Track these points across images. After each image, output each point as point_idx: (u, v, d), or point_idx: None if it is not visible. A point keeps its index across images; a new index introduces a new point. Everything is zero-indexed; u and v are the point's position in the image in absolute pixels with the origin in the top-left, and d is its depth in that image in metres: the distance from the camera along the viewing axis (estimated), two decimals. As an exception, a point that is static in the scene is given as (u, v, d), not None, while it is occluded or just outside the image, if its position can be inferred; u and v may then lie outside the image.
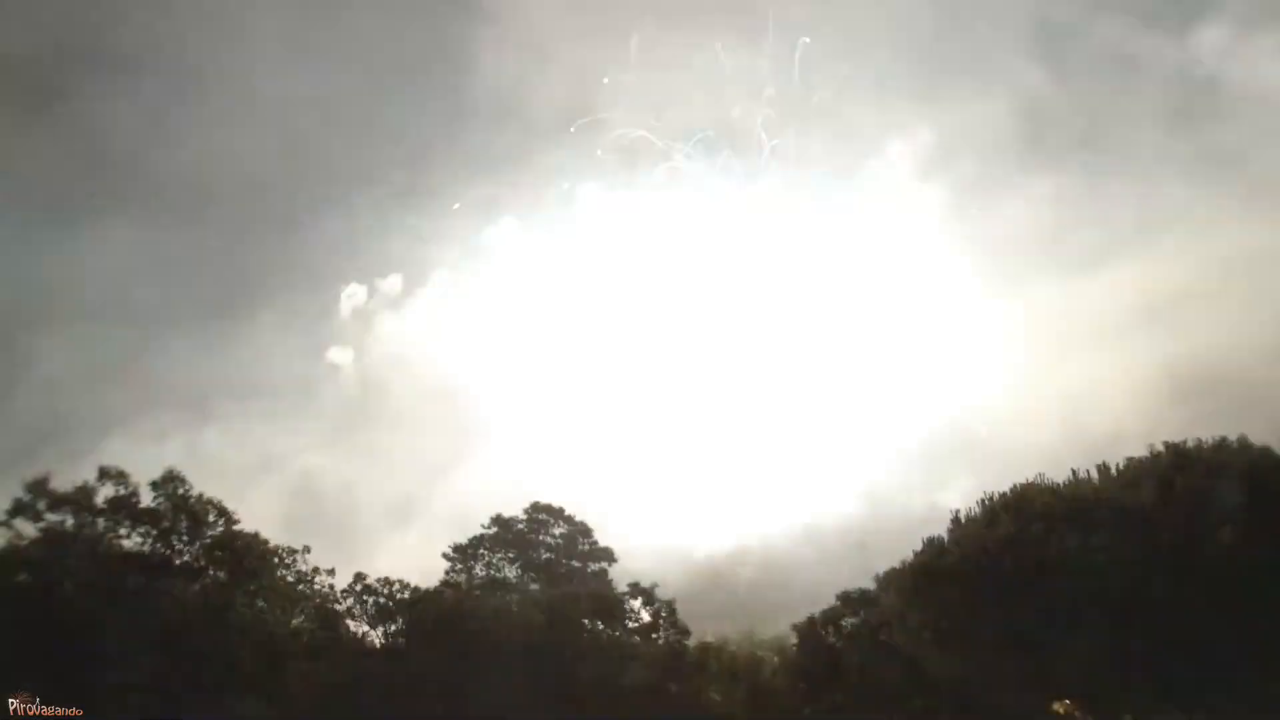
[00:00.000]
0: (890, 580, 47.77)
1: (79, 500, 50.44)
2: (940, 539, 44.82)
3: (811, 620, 54.74)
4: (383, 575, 57.13)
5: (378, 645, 56.12)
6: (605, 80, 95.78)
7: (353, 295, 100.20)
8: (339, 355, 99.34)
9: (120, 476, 51.39)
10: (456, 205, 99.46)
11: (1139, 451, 39.73)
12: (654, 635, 56.82)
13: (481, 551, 57.11)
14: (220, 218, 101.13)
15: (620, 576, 59.15)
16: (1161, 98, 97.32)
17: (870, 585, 52.32)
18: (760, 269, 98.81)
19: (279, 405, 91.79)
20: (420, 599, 56.30)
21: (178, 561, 50.50)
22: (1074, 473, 41.29)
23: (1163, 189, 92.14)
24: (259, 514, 57.81)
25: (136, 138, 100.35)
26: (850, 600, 53.97)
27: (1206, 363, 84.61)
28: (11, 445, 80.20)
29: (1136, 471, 38.72)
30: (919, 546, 46.49)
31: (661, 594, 58.04)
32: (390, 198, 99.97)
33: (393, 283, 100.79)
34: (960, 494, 64.43)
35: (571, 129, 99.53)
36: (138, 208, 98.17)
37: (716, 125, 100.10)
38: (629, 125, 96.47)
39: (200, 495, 52.95)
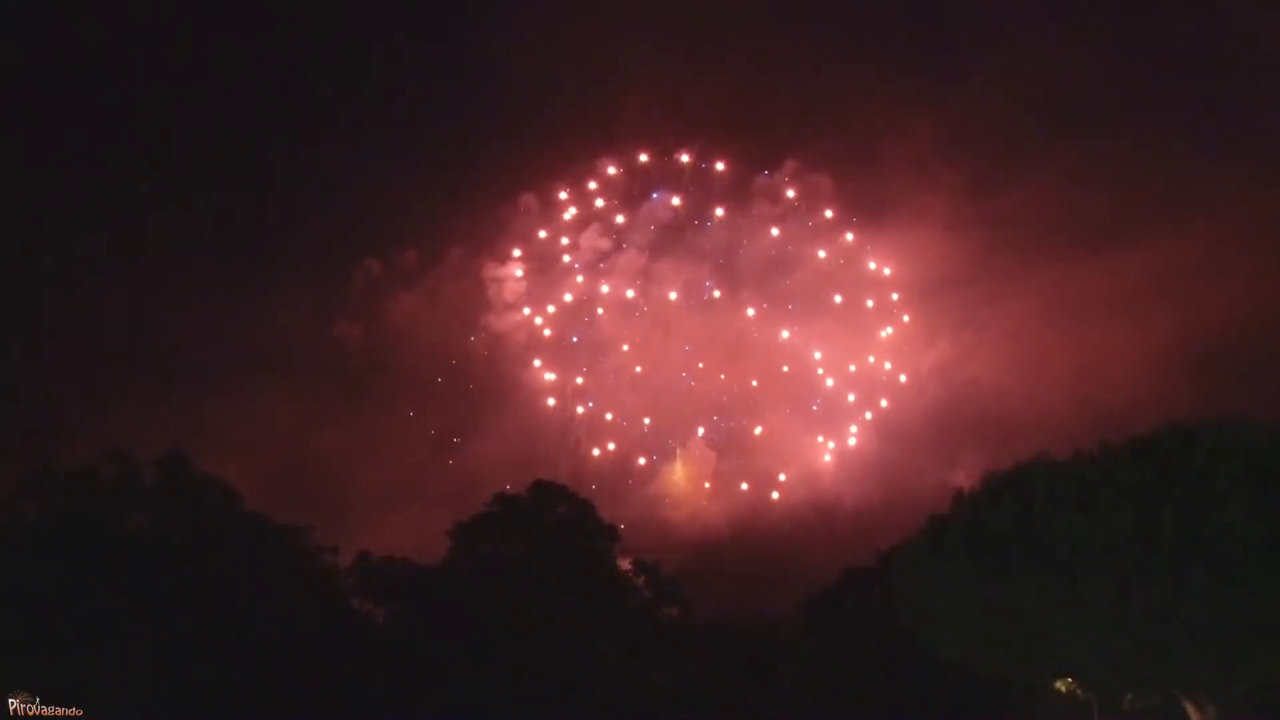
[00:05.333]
0: (893, 558, 47.64)
1: (83, 482, 50.71)
2: (943, 517, 44.61)
3: (815, 598, 54.81)
4: (386, 555, 57.43)
5: (382, 627, 56.34)
6: (622, 59, 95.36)
7: (367, 269, 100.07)
8: (348, 329, 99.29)
9: (123, 458, 51.65)
10: (476, 183, 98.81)
11: (1152, 425, 39.54)
12: (658, 613, 56.99)
13: (484, 530, 57.19)
14: (231, 186, 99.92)
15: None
16: (1185, 69, 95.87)
17: (874, 564, 52.45)
18: (773, 247, 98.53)
19: (284, 378, 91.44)
20: (425, 579, 56.47)
21: (181, 544, 50.70)
22: (1078, 451, 40.98)
23: (1183, 161, 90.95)
24: (261, 490, 58.13)
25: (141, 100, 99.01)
26: (854, 578, 53.98)
27: (1222, 336, 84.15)
28: (13, 417, 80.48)
29: (1140, 450, 38.36)
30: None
31: (664, 572, 58.32)
32: (407, 172, 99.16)
33: (408, 257, 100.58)
34: (970, 472, 64.40)
35: (590, 109, 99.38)
36: (144, 169, 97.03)
37: (735, 108, 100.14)
38: (646, 104, 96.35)
39: (204, 475, 53.24)
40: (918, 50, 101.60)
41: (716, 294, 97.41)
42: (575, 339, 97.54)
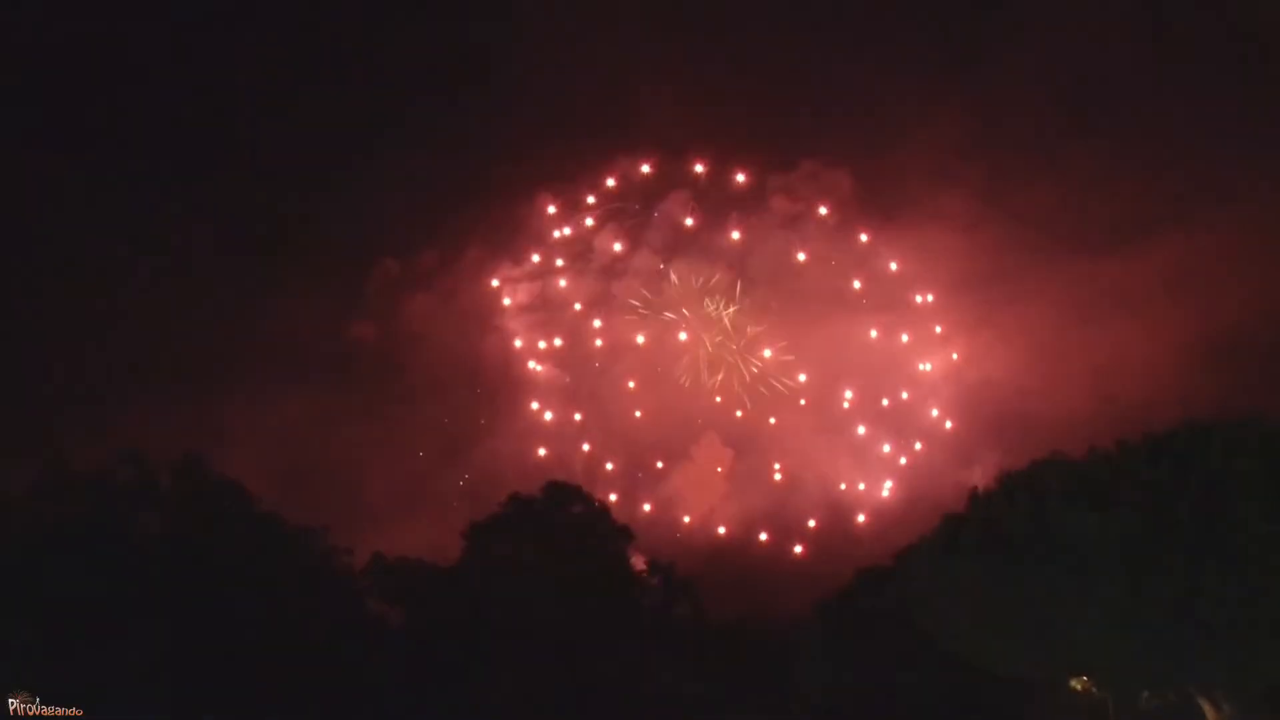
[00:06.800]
0: (909, 558, 47.55)
1: (98, 485, 50.89)
2: (958, 516, 44.47)
3: (830, 599, 54.57)
4: (401, 556, 57.53)
5: (397, 628, 56.41)
6: (639, 66, 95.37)
7: (383, 269, 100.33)
8: (365, 328, 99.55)
9: (138, 460, 51.84)
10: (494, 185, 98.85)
11: (1168, 423, 39.44)
12: (672, 614, 56.99)
13: (498, 532, 57.25)
14: (247, 186, 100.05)
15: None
16: (1203, 65, 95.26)
17: (890, 564, 52.23)
18: (791, 248, 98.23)
19: (299, 379, 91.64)
20: (439, 580, 56.56)
21: (196, 547, 50.79)
22: (1093, 449, 40.87)
23: (1201, 158, 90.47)
24: (276, 491, 58.28)
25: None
26: (870, 577, 53.69)
27: (1239, 333, 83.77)
28: (28, 419, 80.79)
29: (1156, 448, 38.26)
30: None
31: (678, 573, 58.31)
32: (424, 174, 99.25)
33: (425, 258, 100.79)
34: (986, 470, 64.28)
35: (606, 111, 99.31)
36: (159, 168, 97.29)
37: (749, 110, 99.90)
38: (662, 112, 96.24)
39: (219, 478, 53.40)
40: (934, 49, 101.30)
41: (732, 309, 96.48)
42: (568, 379, 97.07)
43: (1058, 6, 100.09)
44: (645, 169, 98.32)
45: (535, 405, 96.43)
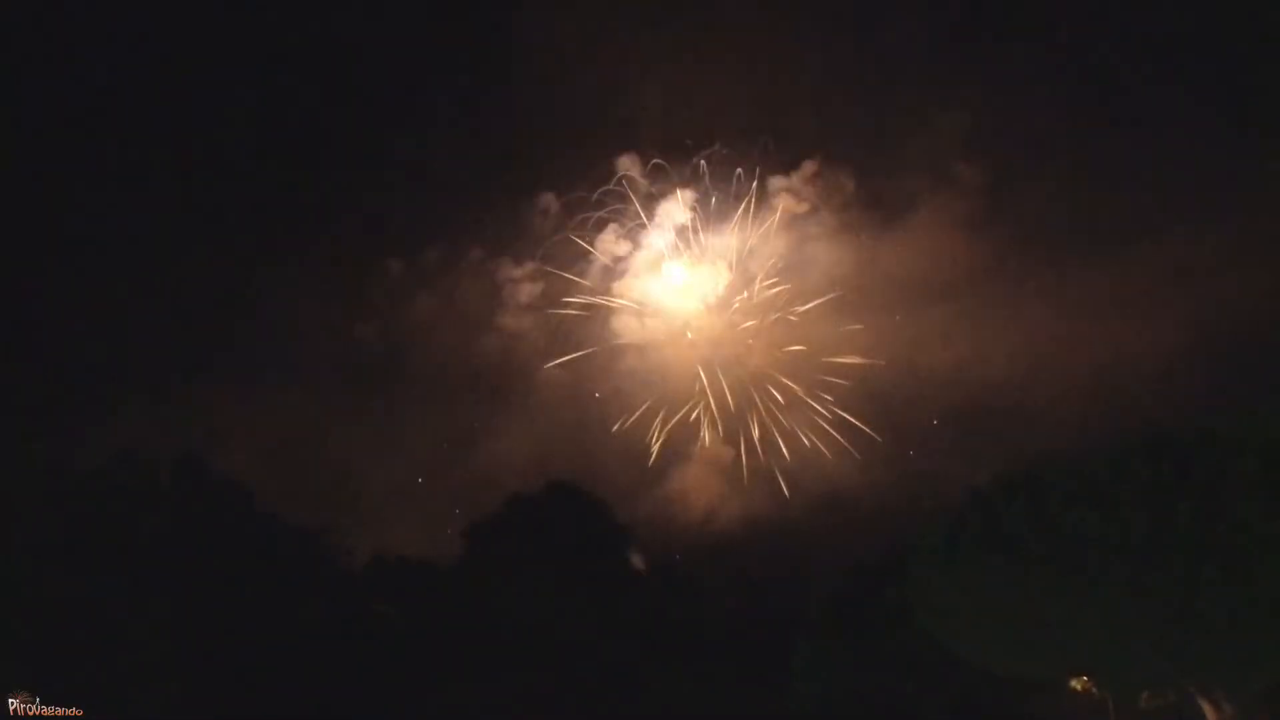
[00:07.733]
0: (908, 558, 47.54)
1: (98, 484, 50.85)
2: (959, 516, 44.41)
3: (831, 596, 54.59)
4: (402, 555, 57.64)
5: (397, 628, 56.47)
6: (642, 58, 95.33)
7: (386, 269, 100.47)
8: (368, 329, 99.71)
9: (138, 460, 51.81)
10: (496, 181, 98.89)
11: (1169, 422, 39.37)
12: (671, 612, 57.00)
13: (498, 531, 57.31)
14: (253, 187, 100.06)
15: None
16: (1205, 66, 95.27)
17: (890, 561, 52.18)
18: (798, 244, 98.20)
19: (302, 379, 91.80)
20: (440, 579, 56.63)
21: (197, 546, 50.77)
22: (1093, 449, 40.79)
23: (1206, 157, 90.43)
24: (277, 490, 58.43)
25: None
26: (869, 575, 53.65)
27: (1240, 332, 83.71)
28: (28, 419, 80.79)
29: (1155, 447, 38.13)
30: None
31: (678, 571, 58.37)
32: (427, 174, 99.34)
33: (427, 258, 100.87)
34: (987, 469, 64.13)
35: (612, 109, 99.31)
36: (166, 169, 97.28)
37: (758, 104, 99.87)
38: (670, 105, 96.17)
39: (220, 477, 53.41)
40: (937, 49, 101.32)
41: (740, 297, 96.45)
42: (569, 379, 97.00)
43: (1060, 6, 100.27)
44: (647, 171, 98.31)
45: (536, 405, 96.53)
